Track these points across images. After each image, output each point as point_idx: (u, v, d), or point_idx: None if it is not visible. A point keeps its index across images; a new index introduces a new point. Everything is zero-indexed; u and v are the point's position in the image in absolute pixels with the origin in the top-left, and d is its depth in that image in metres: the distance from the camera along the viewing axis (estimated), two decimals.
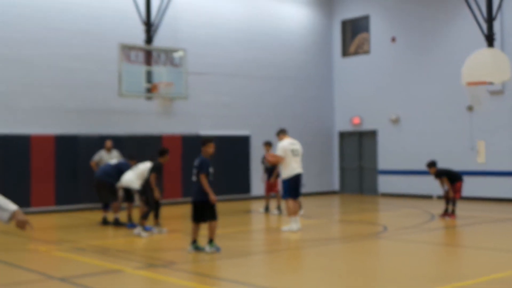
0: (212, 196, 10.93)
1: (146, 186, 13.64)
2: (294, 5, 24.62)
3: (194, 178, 11.10)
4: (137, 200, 14.89)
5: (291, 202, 13.76)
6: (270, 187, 17.81)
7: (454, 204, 15.85)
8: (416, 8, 22.97)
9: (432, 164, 16.05)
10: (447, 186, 15.74)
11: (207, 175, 11.09)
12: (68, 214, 17.91)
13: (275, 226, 15.18)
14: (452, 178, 15.88)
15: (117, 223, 15.02)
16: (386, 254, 11.49)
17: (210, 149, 11.26)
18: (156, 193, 13.39)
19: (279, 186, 17.28)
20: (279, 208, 17.60)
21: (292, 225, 13.70)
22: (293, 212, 13.75)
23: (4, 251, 11.60)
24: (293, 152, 13.83)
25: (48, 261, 10.78)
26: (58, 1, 18.87)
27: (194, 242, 11.09)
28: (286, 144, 13.87)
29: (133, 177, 14.45)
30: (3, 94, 17.95)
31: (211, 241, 10.97)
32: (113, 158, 17.46)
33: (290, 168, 13.71)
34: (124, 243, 12.67)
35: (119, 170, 15.05)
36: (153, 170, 13.40)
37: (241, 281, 8.69)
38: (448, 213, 15.88)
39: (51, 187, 18.40)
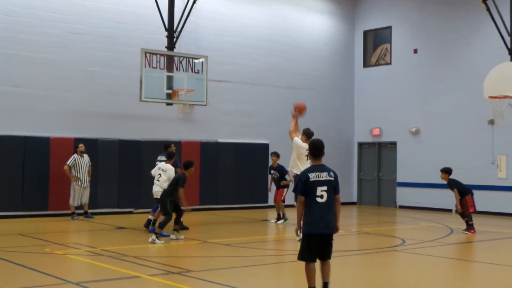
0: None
1: (164, 196, 13.61)
2: (317, 15, 24.59)
3: (322, 198, 7.72)
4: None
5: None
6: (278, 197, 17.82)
7: (469, 218, 15.64)
8: (438, 20, 22.85)
9: (446, 170, 15.90)
10: (456, 199, 15.55)
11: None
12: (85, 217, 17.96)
13: (291, 236, 15.10)
14: (461, 191, 15.68)
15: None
16: (404, 267, 11.37)
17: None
18: (184, 204, 13.50)
19: (283, 196, 17.56)
20: (280, 216, 17.55)
21: None
22: None
23: (21, 254, 11.63)
24: (307, 157, 13.83)
25: (65, 265, 10.79)
26: (82, 5, 19.01)
27: None
28: (304, 146, 13.78)
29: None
30: (25, 96, 18.07)
31: (326, 284, 7.99)
32: (85, 162, 17.62)
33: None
34: (141, 249, 12.66)
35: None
36: (180, 184, 13.35)
37: None
38: (468, 228, 15.65)
39: (69, 190, 18.43)
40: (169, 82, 18.30)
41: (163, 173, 14.53)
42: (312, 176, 7.71)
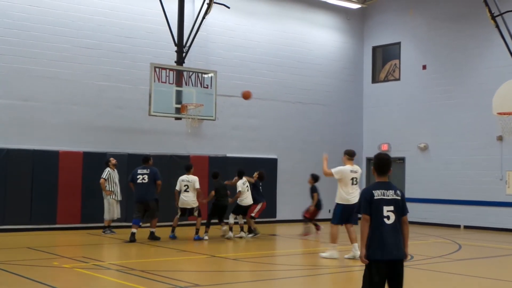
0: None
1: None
2: (326, 30, 24.67)
3: (389, 219, 6.80)
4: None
5: (335, 228, 13.42)
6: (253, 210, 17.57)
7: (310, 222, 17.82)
8: (447, 36, 22.87)
9: (315, 177, 17.83)
10: (312, 205, 17.67)
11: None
12: (93, 231, 17.97)
13: (300, 251, 15.09)
14: (319, 201, 17.71)
15: (154, 237, 16.00)
16: (412, 283, 11.31)
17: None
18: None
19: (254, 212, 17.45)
20: (250, 231, 17.43)
21: (332, 252, 13.37)
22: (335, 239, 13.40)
23: (29, 268, 11.66)
24: (353, 180, 13.25)
25: (73, 278, 10.79)
26: (92, 20, 19.14)
27: None
28: (347, 169, 13.27)
29: (192, 196, 16.44)
30: (34, 110, 18.18)
31: None
32: (116, 175, 17.66)
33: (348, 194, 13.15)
34: (149, 263, 12.67)
35: (155, 181, 16.16)
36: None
37: None
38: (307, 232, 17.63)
39: (77, 204, 18.50)
40: (178, 97, 18.36)
41: (190, 183, 16.41)
42: (377, 194, 6.74)
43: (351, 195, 13.03)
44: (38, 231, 17.63)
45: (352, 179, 13.24)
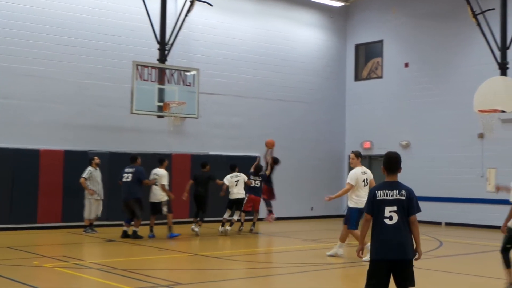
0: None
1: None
2: (308, 28, 24.70)
3: (392, 220, 6.71)
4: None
5: (356, 232, 13.10)
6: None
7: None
8: (429, 35, 22.98)
9: (276, 160, 18.93)
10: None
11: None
12: (74, 230, 17.86)
13: (282, 249, 15.06)
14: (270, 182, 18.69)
15: (136, 236, 15.96)
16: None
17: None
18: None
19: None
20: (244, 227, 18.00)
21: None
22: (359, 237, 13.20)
23: (9, 267, 11.57)
24: (365, 182, 13.06)
25: (53, 278, 10.74)
26: (73, 18, 19.02)
27: None
28: (358, 172, 13.06)
29: (160, 190, 16.28)
30: (15, 108, 18.04)
31: None
32: (99, 174, 17.50)
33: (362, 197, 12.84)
34: (130, 262, 12.62)
35: (139, 180, 16.16)
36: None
37: None
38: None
39: (58, 202, 18.38)
40: (160, 95, 18.28)
41: (157, 177, 16.28)
42: (380, 194, 6.78)
43: (363, 198, 12.69)
44: (19, 231, 17.49)
45: (364, 181, 13.06)
